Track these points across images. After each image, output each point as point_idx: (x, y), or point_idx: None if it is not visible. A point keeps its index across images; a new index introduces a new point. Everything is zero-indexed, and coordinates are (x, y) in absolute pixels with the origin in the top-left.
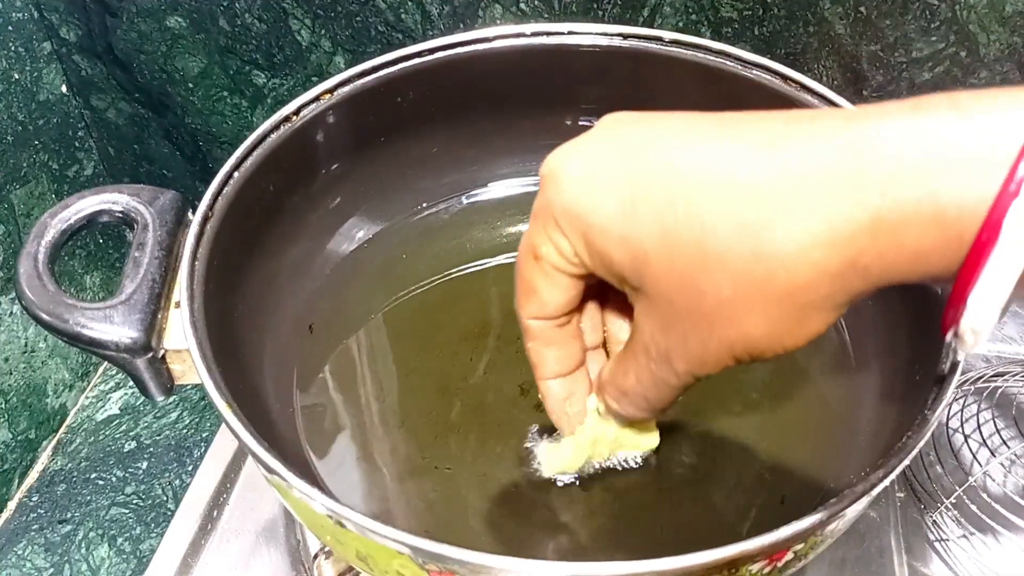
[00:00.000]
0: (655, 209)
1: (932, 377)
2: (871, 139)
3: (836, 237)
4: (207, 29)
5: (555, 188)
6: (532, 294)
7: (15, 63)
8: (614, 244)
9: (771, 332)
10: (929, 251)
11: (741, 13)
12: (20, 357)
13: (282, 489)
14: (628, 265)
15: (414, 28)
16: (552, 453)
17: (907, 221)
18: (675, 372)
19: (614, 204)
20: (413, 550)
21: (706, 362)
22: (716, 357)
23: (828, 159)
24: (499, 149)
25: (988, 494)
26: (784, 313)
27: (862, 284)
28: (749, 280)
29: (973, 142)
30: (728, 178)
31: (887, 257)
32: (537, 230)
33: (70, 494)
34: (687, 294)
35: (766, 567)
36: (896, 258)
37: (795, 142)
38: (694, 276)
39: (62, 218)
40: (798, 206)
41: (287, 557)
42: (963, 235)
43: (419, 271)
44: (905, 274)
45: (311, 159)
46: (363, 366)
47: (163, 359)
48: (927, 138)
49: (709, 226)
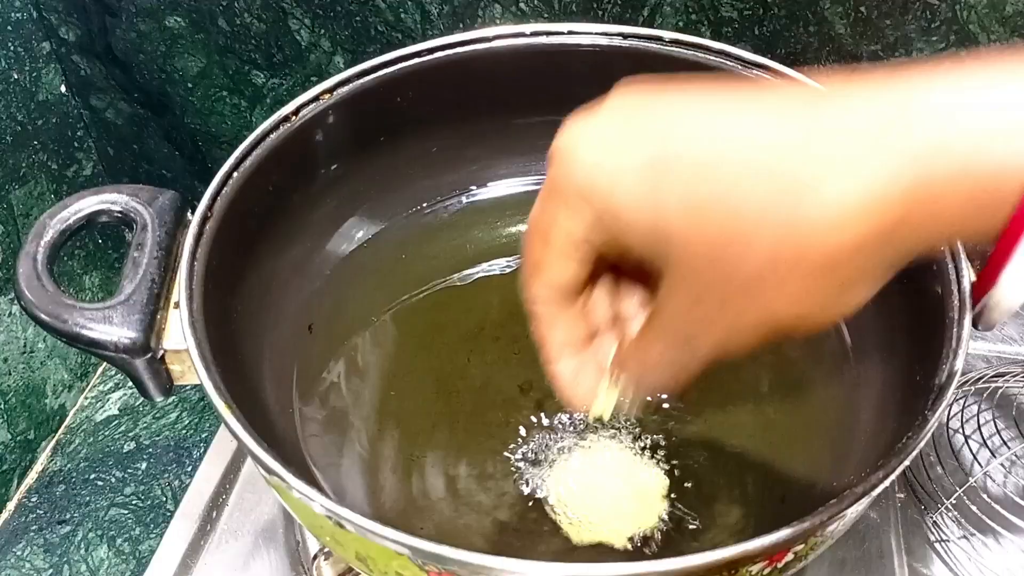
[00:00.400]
0: (680, 181)
1: (932, 378)
2: (919, 95)
3: (882, 197)
4: (206, 29)
5: (568, 166)
6: (540, 273)
7: (14, 63)
8: (636, 222)
9: (808, 306)
10: (974, 214)
11: (741, 13)
12: (19, 357)
13: (281, 490)
14: (651, 242)
15: (414, 28)
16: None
17: (955, 181)
18: (700, 351)
19: (634, 181)
20: (412, 551)
21: (735, 341)
22: (746, 335)
23: (872, 116)
24: (499, 149)
25: (988, 495)
26: (822, 285)
27: (906, 249)
28: (785, 250)
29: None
30: (761, 140)
31: (931, 219)
32: (547, 208)
33: (69, 495)
34: (717, 269)
35: (766, 568)
36: (940, 220)
37: (834, 100)
38: (725, 250)
39: (61, 218)
40: (840, 165)
41: (286, 558)
42: (1007, 200)
43: (419, 271)
44: (946, 238)
45: (310, 159)
46: (363, 366)
47: (162, 359)
48: (978, 97)
49: (740, 194)
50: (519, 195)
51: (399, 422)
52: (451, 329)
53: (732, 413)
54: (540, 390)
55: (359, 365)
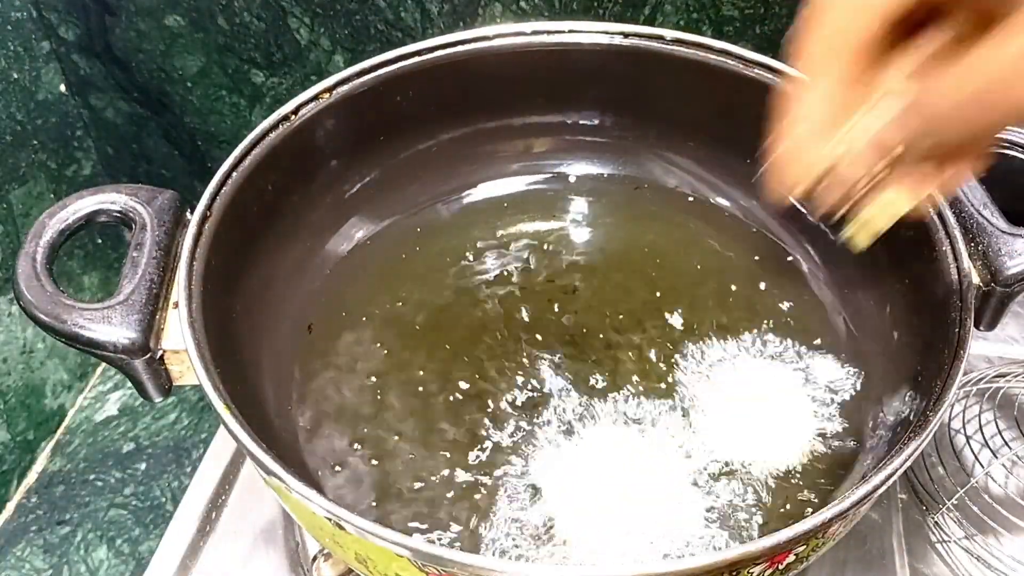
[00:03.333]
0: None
1: (934, 378)
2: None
3: None
4: (206, 28)
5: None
6: (826, 20)
7: (14, 62)
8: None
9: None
10: None
11: (743, 11)
12: (18, 358)
13: (281, 491)
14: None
15: (413, 26)
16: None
17: None
18: (1006, 106)
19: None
20: (413, 552)
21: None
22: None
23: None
24: (498, 148)
25: (990, 495)
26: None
27: None
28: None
29: None
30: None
31: None
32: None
33: (69, 495)
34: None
35: (768, 569)
36: None
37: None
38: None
39: (60, 218)
40: None
41: (286, 559)
42: None
43: (418, 271)
44: None
45: (310, 158)
46: (362, 366)
47: (161, 360)
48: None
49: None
50: (519, 195)
51: (399, 421)
52: (451, 329)
53: (733, 412)
54: (541, 389)
55: (359, 365)
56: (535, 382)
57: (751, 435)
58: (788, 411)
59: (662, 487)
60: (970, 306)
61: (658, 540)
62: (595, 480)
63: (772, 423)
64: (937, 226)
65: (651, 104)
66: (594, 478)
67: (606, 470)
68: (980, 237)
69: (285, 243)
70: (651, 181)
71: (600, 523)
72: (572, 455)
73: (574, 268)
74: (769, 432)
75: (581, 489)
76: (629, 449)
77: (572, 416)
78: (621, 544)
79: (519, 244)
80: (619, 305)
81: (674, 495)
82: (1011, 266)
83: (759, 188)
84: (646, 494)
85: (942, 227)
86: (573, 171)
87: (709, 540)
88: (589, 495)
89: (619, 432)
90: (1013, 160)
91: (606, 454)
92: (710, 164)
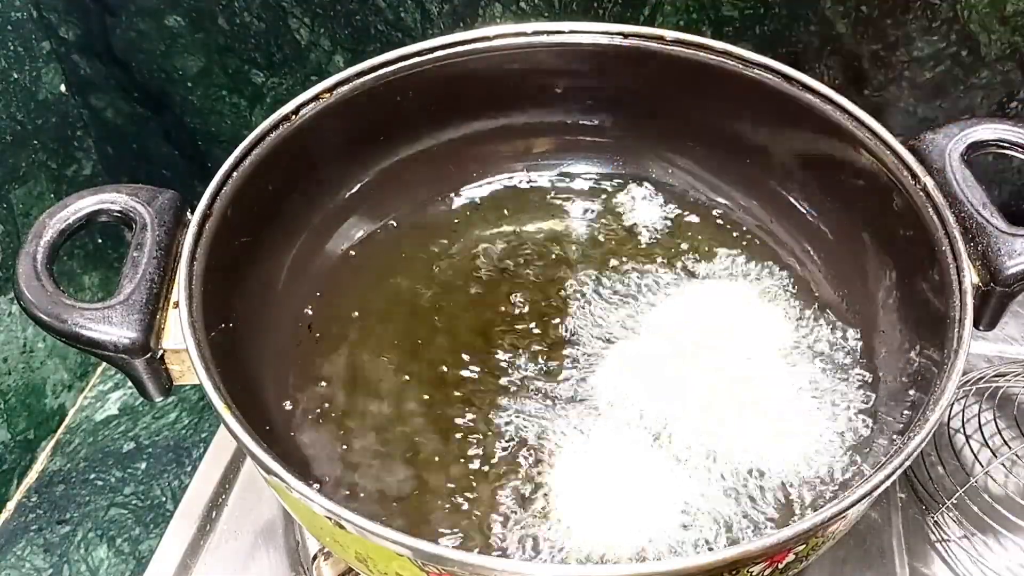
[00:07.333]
0: None
1: (933, 377)
2: None
3: None
4: (206, 28)
5: None
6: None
7: (14, 62)
8: None
9: None
10: None
11: (742, 12)
12: (19, 357)
13: (281, 490)
14: None
15: (413, 27)
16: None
17: None
18: None
19: None
20: (413, 552)
21: None
22: None
23: None
24: (498, 148)
25: (989, 495)
26: None
27: None
28: None
29: None
30: None
31: None
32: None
33: (69, 495)
34: None
35: (767, 568)
36: None
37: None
38: None
39: (61, 218)
40: None
41: (286, 558)
42: None
43: (418, 270)
44: None
45: (310, 159)
46: (362, 366)
47: (161, 359)
48: None
49: None
50: (519, 194)
51: (399, 421)
52: (451, 328)
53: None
54: (545, 388)
55: (359, 364)
56: (538, 381)
57: (760, 439)
58: (793, 415)
59: (662, 486)
60: (969, 306)
61: (658, 539)
62: (598, 478)
63: (778, 427)
64: (937, 226)
65: (651, 104)
66: (597, 476)
67: (610, 468)
68: (980, 237)
69: (286, 243)
70: (651, 181)
71: (601, 520)
72: (577, 453)
73: (574, 267)
74: (775, 436)
75: (584, 486)
76: (630, 448)
77: (575, 416)
78: (621, 541)
79: (519, 244)
80: (619, 305)
81: (674, 495)
82: (1010, 266)
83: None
84: (646, 493)
85: (942, 227)
86: (573, 171)
87: (709, 540)
88: (592, 492)
89: (623, 432)
90: (1013, 160)
91: (611, 453)
92: (710, 164)
